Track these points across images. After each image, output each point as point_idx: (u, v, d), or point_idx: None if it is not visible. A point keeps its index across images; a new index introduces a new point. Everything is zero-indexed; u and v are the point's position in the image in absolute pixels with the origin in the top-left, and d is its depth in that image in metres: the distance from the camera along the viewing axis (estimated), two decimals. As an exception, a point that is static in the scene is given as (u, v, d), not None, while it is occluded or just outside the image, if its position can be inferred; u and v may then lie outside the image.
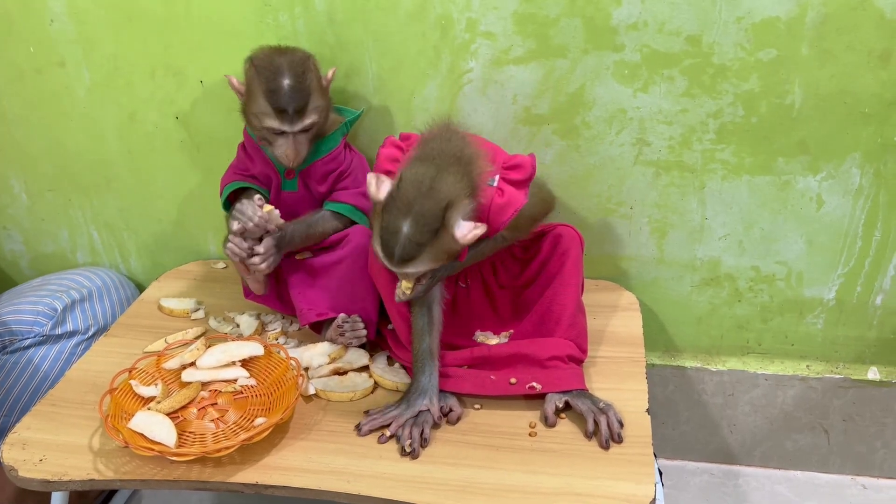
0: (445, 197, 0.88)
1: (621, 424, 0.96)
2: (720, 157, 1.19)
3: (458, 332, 1.06)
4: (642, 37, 1.12)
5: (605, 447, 0.93)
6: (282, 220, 1.09)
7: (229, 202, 1.16)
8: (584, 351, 1.06)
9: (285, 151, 1.10)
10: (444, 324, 1.04)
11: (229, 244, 1.08)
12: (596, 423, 0.95)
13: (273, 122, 1.08)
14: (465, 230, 0.89)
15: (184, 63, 1.26)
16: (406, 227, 0.87)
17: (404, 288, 0.95)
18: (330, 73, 1.13)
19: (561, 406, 0.98)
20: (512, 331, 1.07)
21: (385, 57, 1.20)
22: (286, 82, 1.06)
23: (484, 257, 1.04)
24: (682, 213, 1.24)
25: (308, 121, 1.09)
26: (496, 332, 1.11)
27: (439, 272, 0.97)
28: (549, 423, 0.97)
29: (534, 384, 1.00)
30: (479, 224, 0.89)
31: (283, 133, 1.09)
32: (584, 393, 0.99)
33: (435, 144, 0.93)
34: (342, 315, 1.11)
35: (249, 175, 1.18)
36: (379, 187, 0.90)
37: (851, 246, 1.22)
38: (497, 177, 0.97)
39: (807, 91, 1.12)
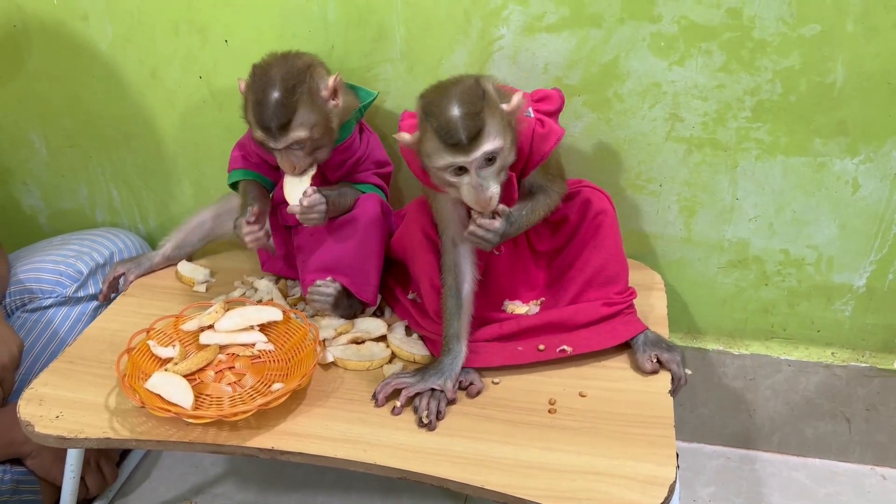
0: (480, 82, 0.91)
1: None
2: (755, 135, 1.15)
3: (488, 304, 1.05)
4: (681, 7, 1.08)
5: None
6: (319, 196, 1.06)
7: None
8: (627, 293, 1.06)
9: (282, 163, 1.06)
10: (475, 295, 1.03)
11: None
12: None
13: (261, 136, 1.03)
14: (516, 99, 0.91)
15: (207, 20, 1.23)
16: (456, 107, 0.88)
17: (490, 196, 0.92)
18: (331, 82, 1.05)
19: (654, 361, 1.00)
20: (543, 298, 1.05)
21: (413, 20, 1.17)
22: (270, 96, 1.00)
23: (538, 218, 1.02)
24: (713, 192, 1.21)
25: (294, 137, 1.02)
26: (525, 301, 1.09)
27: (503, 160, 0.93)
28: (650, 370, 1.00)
29: (564, 347, 0.98)
30: (522, 92, 0.91)
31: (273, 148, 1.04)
32: (662, 342, 1.01)
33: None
34: (317, 280, 1.09)
35: (256, 162, 1.16)
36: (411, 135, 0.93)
37: (886, 232, 1.18)
38: (531, 109, 0.98)
39: (849, 70, 1.08)
